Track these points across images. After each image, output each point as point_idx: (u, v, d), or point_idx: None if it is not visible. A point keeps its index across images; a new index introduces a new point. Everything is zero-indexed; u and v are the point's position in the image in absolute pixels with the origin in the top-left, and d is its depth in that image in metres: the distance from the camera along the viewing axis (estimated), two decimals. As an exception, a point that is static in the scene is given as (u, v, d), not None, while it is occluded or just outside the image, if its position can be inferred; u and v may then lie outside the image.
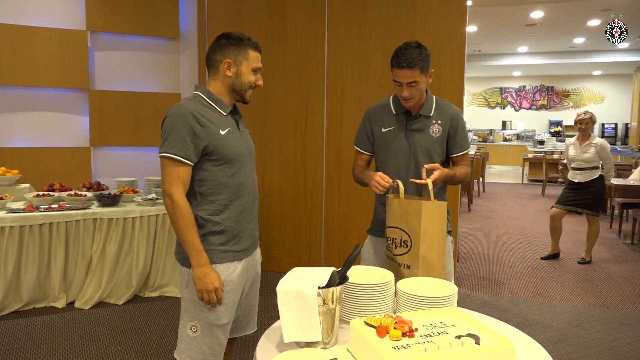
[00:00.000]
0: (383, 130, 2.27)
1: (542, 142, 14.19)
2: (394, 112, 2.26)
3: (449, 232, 2.31)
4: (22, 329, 3.40)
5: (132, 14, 4.80)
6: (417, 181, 2.04)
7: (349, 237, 4.59)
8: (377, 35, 4.38)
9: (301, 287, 1.48)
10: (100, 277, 3.86)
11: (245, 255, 1.97)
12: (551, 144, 13.84)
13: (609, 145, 5.22)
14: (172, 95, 5.04)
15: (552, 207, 5.50)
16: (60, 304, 3.78)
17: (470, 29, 10.48)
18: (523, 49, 12.97)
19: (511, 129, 17.02)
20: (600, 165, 5.18)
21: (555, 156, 11.79)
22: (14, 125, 4.59)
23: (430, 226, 1.92)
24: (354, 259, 1.62)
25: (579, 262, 5.34)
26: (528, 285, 4.57)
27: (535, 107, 17.28)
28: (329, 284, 1.52)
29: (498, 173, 14.86)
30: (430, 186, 1.98)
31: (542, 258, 5.51)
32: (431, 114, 2.22)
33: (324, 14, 4.51)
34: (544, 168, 10.90)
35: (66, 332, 3.39)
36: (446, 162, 2.30)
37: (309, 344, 1.49)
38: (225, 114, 1.90)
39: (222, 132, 1.85)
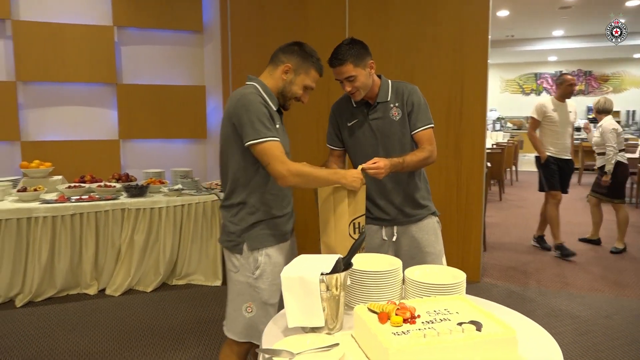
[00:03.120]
0: (348, 124, 2.31)
1: (578, 129, 13.71)
2: (354, 105, 2.29)
3: (433, 213, 2.33)
4: (56, 314, 3.55)
5: (156, 8, 4.90)
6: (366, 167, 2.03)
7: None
8: (398, 22, 4.32)
9: (304, 273, 1.50)
10: (129, 265, 3.99)
11: (289, 237, 2.11)
12: (589, 130, 13.37)
13: (612, 128, 5.05)
14: (196, 87, 5.13)
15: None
16: (92, 290, 3.93)
17: (502, 13, 10.20)
18: (558, 32, 12.54)
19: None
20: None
21: (593, 143, 11.40)
22: (46, 120, 4.77)
23: (325, 212, 2.00)
24: (358, 246, 1.63)
25: (611, 252, 5.18)
26: (557, 276, 4.47)
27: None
28: (334, 271, 1.53)
29: (533, 161, 14.48)
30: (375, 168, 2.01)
31: (580, 240, 5.44)
32: (388, 99, 2.23)
33: (344, 4, 4.48)
34: (580, 156, 10.57)
35: (97, 317, 3.52)
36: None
37: (314, 329, 1.51)
38: (275, 109, 1.99)
39: (277, 125, 1.95)
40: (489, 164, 6.78)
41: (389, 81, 2.27)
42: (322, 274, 1.49)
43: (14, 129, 4.60)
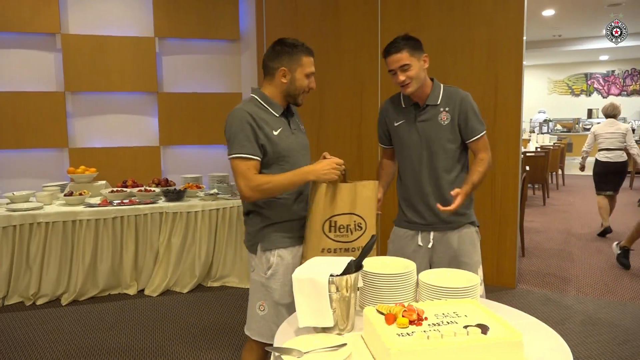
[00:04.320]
0: (395, 124, 2.30)
1: (632, 131, 13.14)
2: (403, 106, 2.28)
3: (472, 223, 2.29)
4: (98, 313, 3.74)
5: (195, 19, 5.08)
6: (444, 209, 2.05)
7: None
8: (430, 27, 4.31)
9: (314, 275, 1.54)
10: (166, 267, 4.14)
11: (302, 241, 2.10)
12: (642, 132, 12.76)
13: (592, 130, 6.14)
14: (234, 95, 5.27)
15: None
16: (131, 291, 4.10)
17: (547, 12, 9.93)
18: (609, 31, 12.04)
19: (598, 118, 15.88)
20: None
21: (647, 145, 10.88)
22: (92, 128, 5.03)
23: (309, 208, 2.03)
24: (369, 248, 1.65)
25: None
26: (598, 283, 4.30)
27: (626, 93, 16.00)
28: (345, 273, 1.56)
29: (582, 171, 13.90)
30: (455, 205, 2.04)
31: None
32: (438, 103, 2.21)
33: (376, 10, 4.51)
34: (632, 159, 10.09)
35: (136, 316, 3.68)
36: (463, 148, 2.27)
37: (325, 330, 1.55)
38: (277, 115, 2.03)
39: (275, 133, 1.99)
40: (527, 168, 6.60)
41: (441, 85, 2.26)
42: (332, 275, 1.53)
43: (63, 136, 4.88)
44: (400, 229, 2.35)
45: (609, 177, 5.85)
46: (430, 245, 2.25)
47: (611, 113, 5.90)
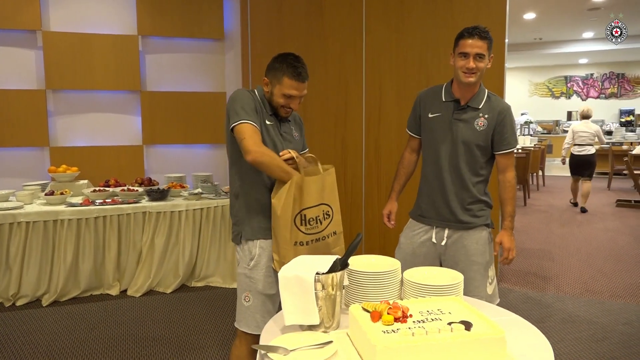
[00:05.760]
0: (430, 115, 2.29)
1: (609, 133, 13.42)
2: (443, 100, 2.26)
3: (487, 225, 2.28)
4: (80, 314, 3.69)
5: (179, 17, 5.05)
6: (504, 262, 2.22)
7: (389, 229, 4.60)
8: (414, 28, 4.35)
9: (300, 272, 1.55)
10: (150, 267, 4.11)
11: None
12: (620, 134, 13.04)
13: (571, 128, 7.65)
14: (217, 94, 5.25)
15: None
16: (114, 291, 4.06)
17: (528, 16, 10.08)
18: (588, 34, 12.28)
19: (577, 120, 16.19)
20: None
21: (625, 147, 11.13)
22: (74, 126, 4.97)
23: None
24: (354, 247, 1.67)
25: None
26: (577, 282, 4.39)
27: (604, 95, 16.31)
28: (330, 271, 1.57)
29: (563, 166, 14.16)
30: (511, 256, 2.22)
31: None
32: (480, 107, 2.20)
33: (361, 10, 4.53)
34: (610, 160, 10.32)
35: (119, 317, 3.64)
36: (490, 159, 2.26)
37: (311, 327, 1.56)
38: (269, 114, 2.10)
39: (268, 122, 2.07)
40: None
41: (486, 90, 2.26)
42: (318, 273, 1.54)
43: (44, 135, 4.81)
44: (415, 223, 2.35)
45: (581, 165, 7.49)
46: (443, 243, 2.26)
47: (586, 115, 7.47)
